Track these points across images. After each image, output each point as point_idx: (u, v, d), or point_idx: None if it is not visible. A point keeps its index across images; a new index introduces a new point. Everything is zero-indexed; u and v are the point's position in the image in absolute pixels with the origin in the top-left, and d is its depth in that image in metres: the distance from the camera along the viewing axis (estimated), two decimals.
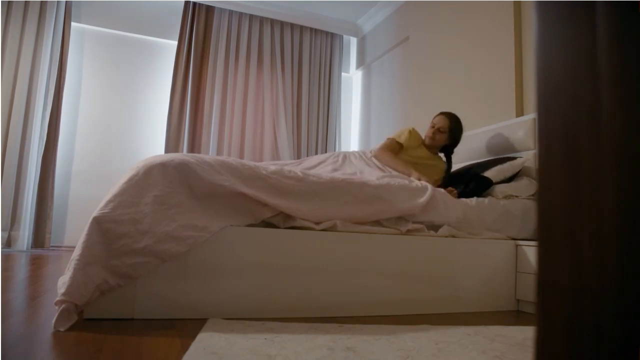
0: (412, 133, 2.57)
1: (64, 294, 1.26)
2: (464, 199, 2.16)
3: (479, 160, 2.69)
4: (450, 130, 2.52)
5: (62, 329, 1.20)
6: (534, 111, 1.85)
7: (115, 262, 1.33)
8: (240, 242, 1.56)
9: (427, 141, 2.55)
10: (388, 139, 2.55)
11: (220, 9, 4.72)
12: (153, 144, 4.49)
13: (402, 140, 2.52)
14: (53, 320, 1.23)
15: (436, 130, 2.51)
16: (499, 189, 2.30)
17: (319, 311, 1.63)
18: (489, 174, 2.36)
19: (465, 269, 1.96)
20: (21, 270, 2.51)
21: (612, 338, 0.37)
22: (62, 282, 1.31)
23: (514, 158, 2.45)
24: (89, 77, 4.41)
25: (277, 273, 1.60)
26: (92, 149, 4.34)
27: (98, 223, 1.34)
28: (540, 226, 0.45)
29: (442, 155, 2.65)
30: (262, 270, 1.58)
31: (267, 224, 1.66)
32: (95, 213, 1.37)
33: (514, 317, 1.90)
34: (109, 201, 1.39)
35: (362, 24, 5.18)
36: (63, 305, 1.25)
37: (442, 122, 2.51)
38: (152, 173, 1.46)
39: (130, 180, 1.44)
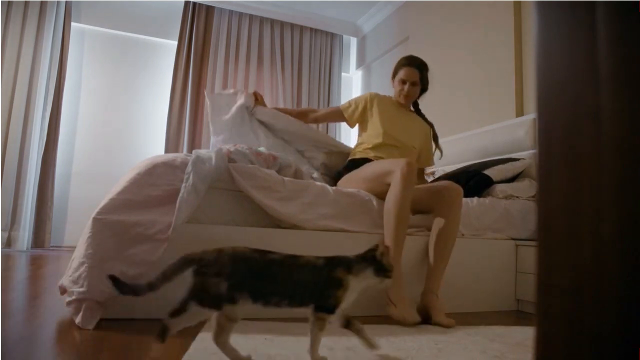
0: (375, 96, 2.26)
1: (83, 293, 1.26)
2: (464, 199, 2.15)
3: (479, 160, 2.68)
4: (422, 79, 2.21)
5: (90, 327, 1.21)
6: (534, 111, 1.85)
7: (131, 251, 1.33)
8: (241, 242, 1.55)
9: (402, 100, 2.21)
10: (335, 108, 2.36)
11: (220, 9, 4.72)
12: (153, 144, 4.49)
13: (349, 108, 2.27)
14: (77, 320, 1.23)
15: (410, 85, 2.18)
16: (500, 188, 2.29)
17: None
18: (489, 172, 2.35)
19: (465, 269, 1.95)
20: (21, 270, 2.51)
21: (612, 338, 0.37)
22: (72, 282, 1.31)
23: (516, 159, 2.43)
24: (89, 77, 4.41)
25: None
26: (92, 149, 4.34)
27: (104, 218, 1.36)
28: (540, 226, 0.45)
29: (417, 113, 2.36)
30: None
31: (266, 224, 1.66)
32: (98, 210, 1.37)
33: (514, 317, 1.90)
34: (114, 197, 1.41)
35: (362, 24, 5.18)
36: (85, 304, 1.25)
37: (414, 75, 2.17)
38: (155, 171, 1.50)
39: (133, 178, 1.47)
